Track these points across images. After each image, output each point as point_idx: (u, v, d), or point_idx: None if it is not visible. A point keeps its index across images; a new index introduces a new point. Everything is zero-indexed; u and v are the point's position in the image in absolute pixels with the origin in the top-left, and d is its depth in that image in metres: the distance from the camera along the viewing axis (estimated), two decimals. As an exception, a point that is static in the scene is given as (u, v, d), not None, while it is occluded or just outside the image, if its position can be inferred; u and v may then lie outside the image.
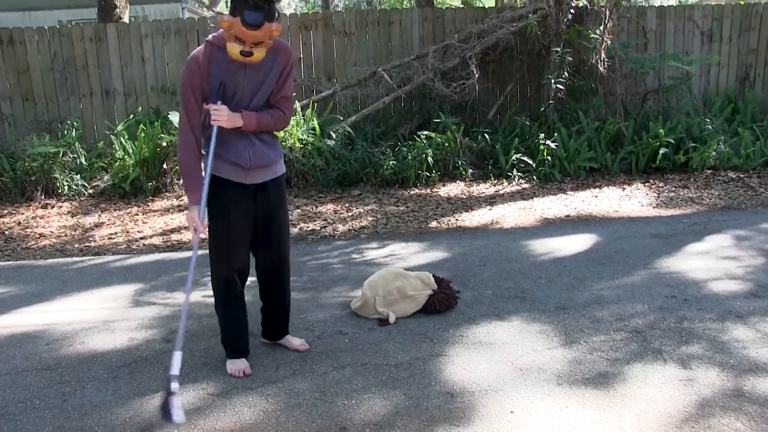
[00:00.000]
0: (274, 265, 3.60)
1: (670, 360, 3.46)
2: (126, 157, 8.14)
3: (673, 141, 8.22)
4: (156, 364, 3.66)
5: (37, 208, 7.65)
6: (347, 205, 7.33)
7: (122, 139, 8.29)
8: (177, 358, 3.02)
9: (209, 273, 5.23)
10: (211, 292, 4.70)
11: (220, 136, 3.26)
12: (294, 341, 3.79)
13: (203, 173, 3.30)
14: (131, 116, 8.88)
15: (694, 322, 3.92)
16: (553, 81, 8.52)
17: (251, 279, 3.63)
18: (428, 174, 8.02)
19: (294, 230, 6.43)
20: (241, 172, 3.35)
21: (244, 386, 3.35)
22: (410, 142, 8.27)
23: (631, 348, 3.62)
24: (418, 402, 3.14)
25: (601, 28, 8.55)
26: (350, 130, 8.35)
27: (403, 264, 5.18)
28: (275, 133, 3.54)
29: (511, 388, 3.24)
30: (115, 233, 6.64)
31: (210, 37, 3.24)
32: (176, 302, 4.59)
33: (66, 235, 6.67)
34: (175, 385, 2.94)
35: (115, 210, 7.49)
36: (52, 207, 7.69)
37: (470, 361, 3.54)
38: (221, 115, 3.19)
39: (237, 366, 3.51)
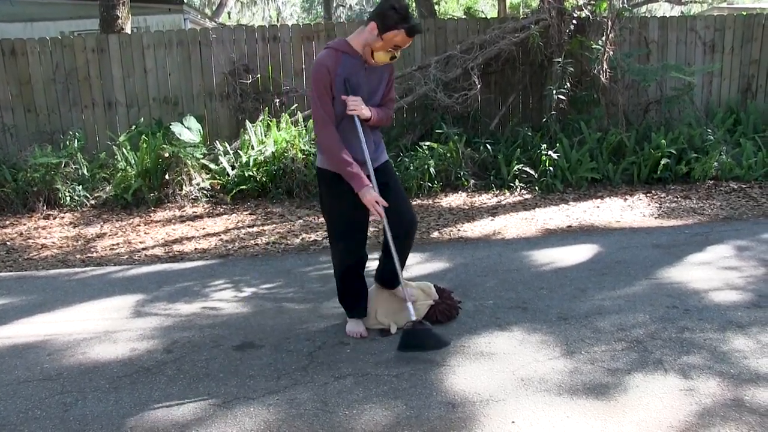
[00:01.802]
0: (406, 227, 3.90)
1: (671, 370, 3.45)
2: (128, 167, 8.16)
3: (674, 152, 8.23)
4: (158, 374, 3.66)
5: (39, 219, 7.67)
6: (349, 215, 7.32)
7: (124, 149, 8.30)
8: (411, 308, 3.78)
9: (210, 283, 5.26)
10: (208, 304, 4.75)
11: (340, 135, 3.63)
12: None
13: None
14: (133, 127, 8.89)
15: (695, 332, 3.92)
16: (555, 92, 8.53)
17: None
18: (430, 184, 8.04)
19: (296, 240, 6.43)
20: None
21: (245, 396, 3.35)
22: (412, 153, 8.29)
23: (631, 358, 3.61)
24: (420, 412, 3.13)
25: (603, 38, 8.56)
26: (352, 140, 8.35)
27: (404, 274, 5.16)
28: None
29: (512, 398, 3.23)
30: (117, 244, 6.65)
31: (331, 43, 3.65)
32: (178, 312, 4.59)
33: (68, 246, 6.68)
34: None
35: (117, 220, 7.50)
36: (54, 218, 7.71)
37: (471, 371, 3.54)
38: (359, 105, 3.59)
39: (356, 328, 4.03)
